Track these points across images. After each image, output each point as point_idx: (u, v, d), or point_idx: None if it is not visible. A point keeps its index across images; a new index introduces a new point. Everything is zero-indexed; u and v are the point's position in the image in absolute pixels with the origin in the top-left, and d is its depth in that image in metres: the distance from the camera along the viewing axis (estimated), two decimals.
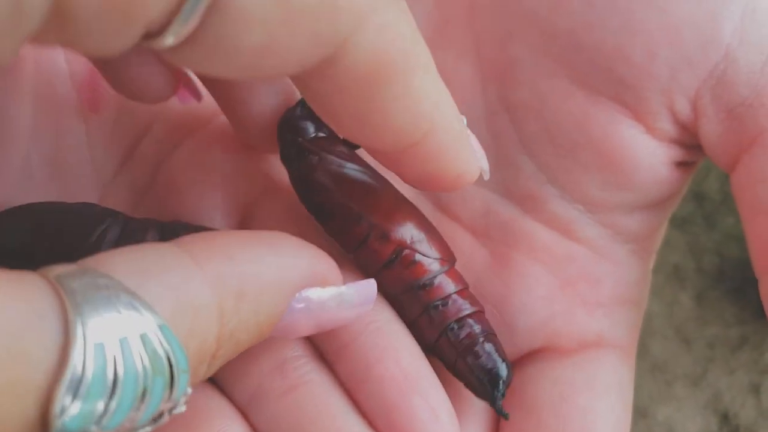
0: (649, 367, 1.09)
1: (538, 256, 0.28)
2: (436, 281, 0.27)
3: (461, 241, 0.29)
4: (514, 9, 0.26)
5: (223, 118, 0.29)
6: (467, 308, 0.27)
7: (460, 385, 0.28)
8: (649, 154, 0.26)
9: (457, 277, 0.28)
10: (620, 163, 0.27)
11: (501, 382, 0.26)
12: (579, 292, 0.28)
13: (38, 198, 0.27)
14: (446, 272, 0.27)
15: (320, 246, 0.27)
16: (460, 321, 0.27)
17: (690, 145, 0.26)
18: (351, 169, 0.28)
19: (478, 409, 0.28)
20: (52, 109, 0.28)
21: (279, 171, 0.29)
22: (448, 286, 0.28)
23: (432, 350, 0.27)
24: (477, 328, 0.27)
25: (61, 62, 0.28)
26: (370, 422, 0.25)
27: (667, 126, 0.26)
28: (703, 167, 1.05)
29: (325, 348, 0.27)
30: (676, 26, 0.24)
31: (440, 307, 0.27)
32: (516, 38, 0.27)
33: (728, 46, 0.24)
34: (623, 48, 0.25)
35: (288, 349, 0.26)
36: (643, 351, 1.11)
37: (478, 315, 0.28)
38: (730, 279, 1.11)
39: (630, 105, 0.26)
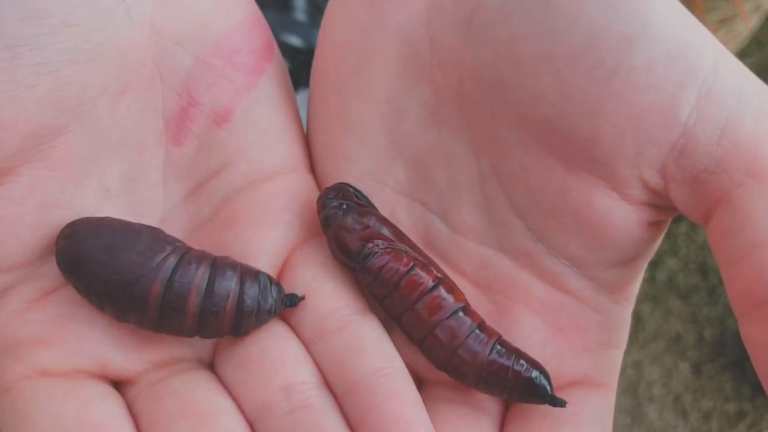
0: None
1: (533, 306, 0.31)
2: (471, 307, 0.30)
3: (465, 292, 0.32)
4: (498, 97, 0.29)
5: (291, 174, 0.32)
6: (496, 331, 0.30)
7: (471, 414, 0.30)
8: (623, 218, 0.29)
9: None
10: (598, 227, 0.29)
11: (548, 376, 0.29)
12: (568, 338, 0.30)
13: (110, 207, 0.30)
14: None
15: (352, 294, 0.31)
16: (500, 338, 0.30)
17: (661, 206, 0.29)
18: (383, 220, 0.32)
19: None
20: (139, 132, 0.30)
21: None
22: (477, 312, 0.30)
23: (484, 367, 0.29)
24: (511, 345, 0.30)
25: (157, 95, 0.30)
26: None
27: (639, 192, 0.28)
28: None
29: (334, 382, 0.29)
30: (639, 112, 0.27)
31: (483, 326, 0.30)
32: (501, 121, 0.30)
33: (686, 125, 0.27)
34: (595, 132, 0.28)
35: (297, 373, 0.28)
36: (640, 417, 1.11)
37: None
38: (730, 352, 1.12)
39: (604, 177, 0.28)
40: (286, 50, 0.34)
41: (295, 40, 0.60)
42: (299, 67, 0.34)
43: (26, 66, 0.26)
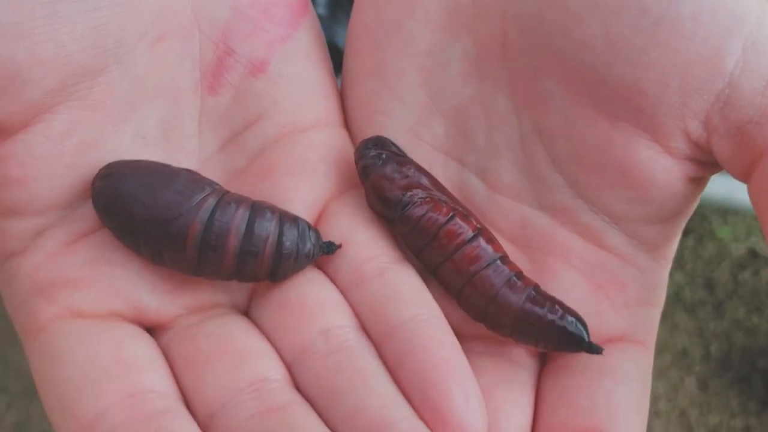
0: None
1: (572, 263, 0.30)
2: (509, 258, 0.30)
3: (504, 249, 0.30)
4: (543, 48, 0.29)
5: (326, 128, 0.32)
6: (533, 281, 0.30)
7: (506, 372, 0.30)
8: (665, 172, 0.29)
9: None
10: (640, 181, 0.29)
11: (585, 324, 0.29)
12: (608, 295, 0.30)
13: (146, 154, 0.29)
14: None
15: (389, 244, 0.30)
16: (536, 287, 0.29)
17: (702, 161, 0.29)
18: (423, 170, 0.31)
19: (517, 396, 0.30)
20: (176, 80, 0.30)
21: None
22: (514, 262, 0.30)
23: (519, 315, 0.29)
24: (546, 293, 0.30)
25: (195, 44, 0.30)
26: (406, 395, 0.27)
27: (682, 145, 0.28)
28: (715, 256, 1.06)
29: (372, 327, 0.28)
30: (685, 62, 0.27)
31: (521, 275, 0.30)
32: (546, 73, 0.29)
33: (731, 74, 0.27)
34: (640, 82, 0.28)
35: (335, 318, 0.28)
36: None
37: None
38: (737, 367, 1.12)
39: (647, 128, 0.28)
40: None
41: None
42: None
43: (68, 2, 0.26)
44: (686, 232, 1.17)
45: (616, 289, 0.30)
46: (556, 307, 0.29)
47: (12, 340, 0.94)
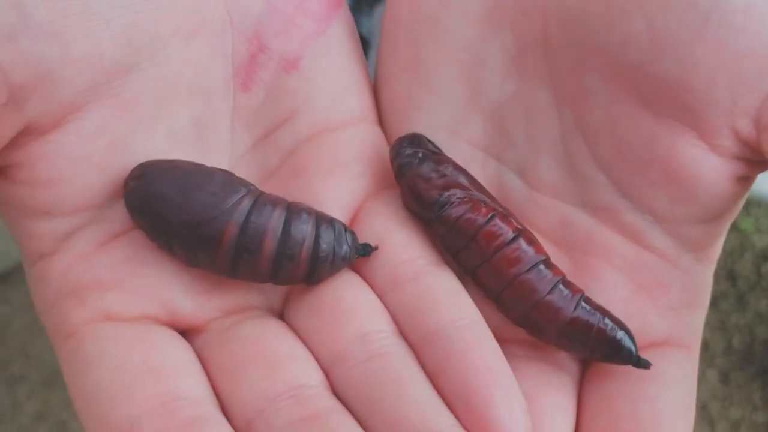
0: None
1: (614, 263, 0.30)
2: (552, 261, 0.29)
3: (545, 249, 0.29)
4: (586, 43, 0.28)
5: (360, 125, 0.31)
6: (578, 287, 0.29)
7: (549, 377, 0.29)
8: (711, 171, 0.28)
9: None
10: (685, 180, 0.28)
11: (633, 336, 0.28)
12: (651, 296, 0.29)
13: (178, 153, 0.29)
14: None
15: (425, 245, 0.29)
16: (584, 295, 0.29)
17: (750, 159, 0.28)
18: (460, 168, 0.30)
19: (559, 401, 0.29)
20: (208, 77, 0.29)
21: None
22: (556, 263, 0.29)
23: (568, 324, 0.28)
24: (595, 302, 0.29)
25: (228, 40, 0.30)
26: (448, 403, 0.26)
27: (729, 143, 0.27)
28: (737, 248, 1.05)
29: (410, 332, 0.28)
30: (734, 57, 0.26)
31: (566, 281, 0.29)
32: (588, 68, 0.29)
33: None
34: (686, 78, 0.27)
35: (371, 323, 0.28)
36: None
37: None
38: (760, 361, 1.10)
39: (693, 126, 0.27)
40: None
41: None
42: None
43: None
44: None
45: (660, 290, 0.29)
46: (606, 318, 0.28)
47: (35, 331, 0.94)
